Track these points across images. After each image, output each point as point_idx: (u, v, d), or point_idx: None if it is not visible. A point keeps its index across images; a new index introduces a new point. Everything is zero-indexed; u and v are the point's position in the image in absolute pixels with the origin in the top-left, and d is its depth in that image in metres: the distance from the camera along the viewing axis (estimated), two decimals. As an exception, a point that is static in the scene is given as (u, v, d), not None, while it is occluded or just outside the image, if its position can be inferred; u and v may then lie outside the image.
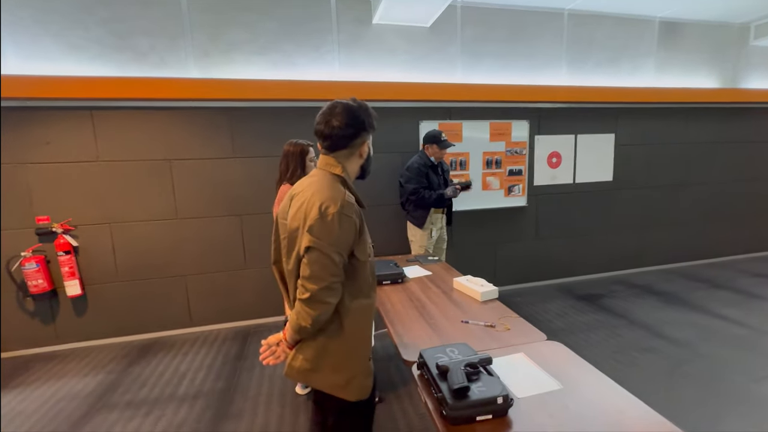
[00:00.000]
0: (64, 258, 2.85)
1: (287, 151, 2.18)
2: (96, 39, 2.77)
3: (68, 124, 2.83)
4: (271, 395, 2.33)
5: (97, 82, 2.72)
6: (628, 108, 4.05)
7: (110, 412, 2.22)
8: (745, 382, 2.30)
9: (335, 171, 1.19)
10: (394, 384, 2.39)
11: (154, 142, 2.99)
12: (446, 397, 1.06)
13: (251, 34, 3.02)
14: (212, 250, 3.21)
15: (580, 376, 1.26)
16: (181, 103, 2.96)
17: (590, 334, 2.97)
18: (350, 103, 1.19)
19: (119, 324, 3.11)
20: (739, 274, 4.21)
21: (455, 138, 3.55)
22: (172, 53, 2.91)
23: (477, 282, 2.03)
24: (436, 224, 3.09)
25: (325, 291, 1.09)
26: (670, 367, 2.49)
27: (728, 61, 4.31)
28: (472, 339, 1.52)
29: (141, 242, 3.06)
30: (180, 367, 2.68)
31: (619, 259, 4.35)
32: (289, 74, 3.12)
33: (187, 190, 3.10)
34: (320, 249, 1.08)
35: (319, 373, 1.18)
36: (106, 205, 2.97)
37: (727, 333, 2.91)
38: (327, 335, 1.17)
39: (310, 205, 1.11)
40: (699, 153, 4.43)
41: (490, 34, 3.53)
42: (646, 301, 3.56)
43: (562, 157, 3.94)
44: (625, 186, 4.22)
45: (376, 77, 3.29)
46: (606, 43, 3.85)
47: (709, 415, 2.03)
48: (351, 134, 1.18)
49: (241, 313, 3.35)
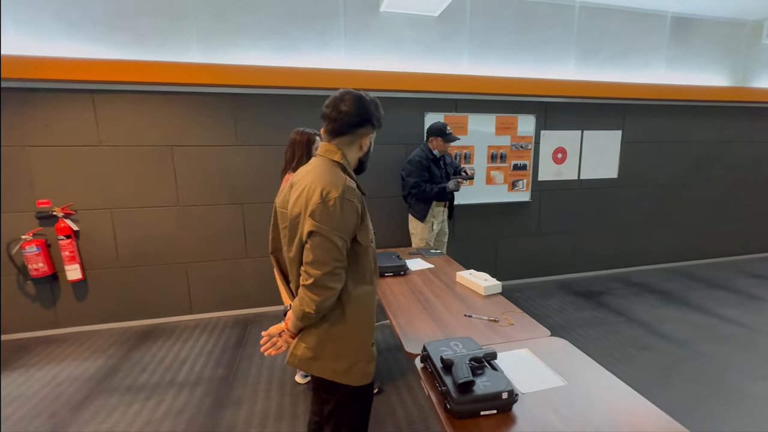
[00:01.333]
0: (65, 242, 2.84)
1: (294, 139, 2.15)
2: (96, 18, 2.70)
3: (69, 107, 2.78)
4: (271, 383, 2.34)
5: (97, 64, 2.66)
6: (636, 104, 4.00)
7: (110, 396, 2.23)
8: (743, 382, 2.32)
9: (335, 158, 1.19)
10: (393, 375, 2.41)
11: (155, 127, 2.95)
12: (450, 390, 1.06)
13: (256, 18, 2.96)
14: (213, 238, 3.20)
15: (585, 373, 1.25)
16: (183, 87, 2.91)
17: (588, 330, 2.98)
18: (362, 93, 1.21)
19: (119, 309, 3.11)
20: (738, 274, 4.21)
21: (461, 131, 3.51)
22: (174, 36, 2.85)
23: (480, 276, 2.02)
24: (437, 217, 3.07)
25: (328, 276, 1.09)
26: (667, 365, 2.50)
27: (740, 59, 4.24)
28: (476, 333, 1.52)
29: (142, 228, 3.04)
30: (180, 354, 2.69)
31: (620, 257, 4.34)
32: (293, 61, 3.06)
33: (188, 177, 3.07)
34: (323, 233, 1.08)
35: (321, 361, 1.19)
36: (108, 190, 2.94)
37: (724, 332, 2.92)
38: (330, 322, 1.17)
39: (311, 191, 1.11)
40: (705, 152, 4.40)
41: (498, 25, 3.46)
42: (645, 300, 3.57)
43: (567, 152, 3.91)
44: (630, 184, 4.19)
45: (381, 66, 3.23)
46: (617, 37, 3.78)
47: (706, 414, 2.05)
48: (356, 122, 1.18)
49: (241, 302, 3.35)
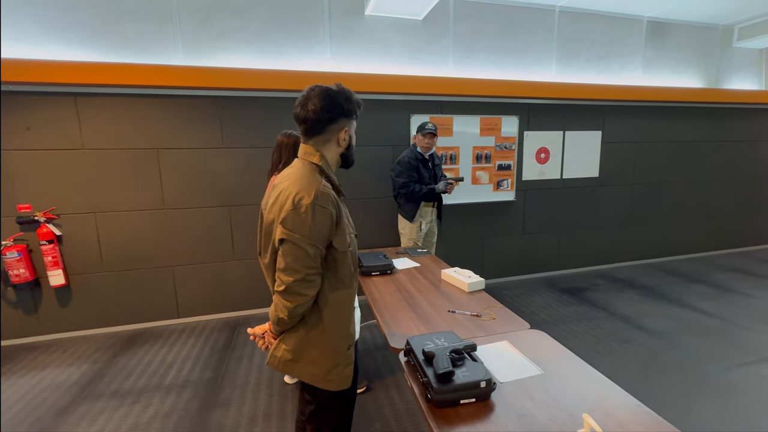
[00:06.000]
0: (47, 247, 2.79)
1: (280, 141, 2.16)
2: (80, 22, 2.69)
3: (52, 110, 2.75)
4: (259, 385, 2.35)
5: (81, 67, 2.65)
6: (615, 105, 4.13)
7: (96, 401, 2.21)
8: (717, 371, 2.41)
9: (312, 159, 1.16)
10: (382, 373, 2.43)
11: (140, 131, 2.94)
12: (431, 381, 1.09)
13: (241, 22, 2.98)
14: (200, 241, 3.19)
15: (561, 362, 1.31)
16: (169, 90, 2.91)
17: (572, 325, 3.06)
18: (330, 87, 1.14)
19: (104, 314, 3.07)
20: (715, 268, 4.37)
21: (446, 132, 3.58)
22: (159, 39, 2.85)
23: (464, 273, 2.07)
24: (425, 218, 3.12)
25: (300, 283, 1.08)
26: (647, 357, 2.58)
27: (712, 61, 4.42)
28: (459, 328, 1.56)
29: (127, 232, 3.02)
30: (167, 358, 2.67)
31: (603, 254, 4.46)
32: (279, 64, 3.09)
33: (174, 180, 3.06)
34: (294, 241, 1.06)
35: (301, 363, 1.19)
36: (91, 194, 2.91)
37: (701, 325, 3.03)
38: (308, 327, 1.17)
39: (285, 197, 1.09)
40: (681, 151, 4.56)
41: (482, 29, 3.55)
42: (626, 295, 3.67)
43: (550, 152, 4.01)
44: (610, 182, 4.32)
45: (367, 69, 3.28)
46: (596, 41, 3.91)
47: (682, 402, 2.13)
48: (327, 119, 1.13)
49: (229, 304, 3.34)
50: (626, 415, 1.04)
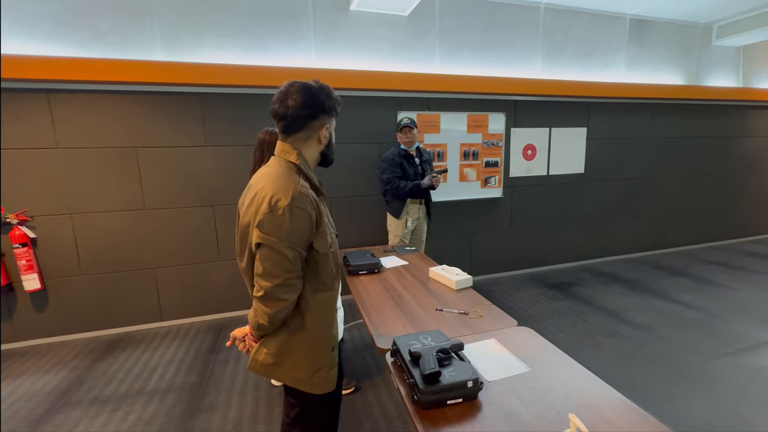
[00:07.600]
0: (21, 251, 2.68)
1: (262, 139, 2.10)
2: (50, 16, 2.57)
3: (22, 108, 2.63)
4: (246, 388, 2.30)
5: (52, 62, 2.53)
6: (599, 102, 4.18)
7: (74, 409, 2.13)
8: (699, 362, 2.47)
9: (290, 158, 1.12)
10: (370, 373, 2.41)
11: (118, 129, 2.83)
12: (418, 382, 1.07)
13: (222, 16, 2.89)
14: (183, 241, 3.10)
15: (548, 359, 1.30)
16: (147, 87, 2.81)
17: (559, 320, 3.09)
18: (309, 83, 1.12)
19: (83, 319, 2.97)
20: (696, 262, 4.48)
21: (433, 129, 3.56)
22: (136, 33, 2.75)
23: (452, 271, 2.06)
24: (412, 215, 3.10)
25: (279, 288, 1.04)
26: (632, 350, 2.63)
27: (693, 59, 4.51)
28: (446, 326, 1.54)
29: (106, 234, 2.92)
30: (150, 362, 2.60)
31: (589, 249, 4.53)
32: (262, 60, 3.02)
33: (155, 180, 2.97)
34: (271, 245, 1.02)
35: (283, 367, 1.15)
36: (67, 195, 2.80)
37: (683, 317, 3.10)
38: (289, 330, 1.14)
39: (260, 199, 1.04)
40: (664, 147, 4.65)
41: (467, 25, 3.53)
42: (611, 289, 3.73)
43: (536, 149, 4.04)
44: (595, 178, 4.38)
45: (352, 65, 3.23)
46: (580, 38, 3.94)
47: (666, 393, 2.17)
48: (307, 115, 1.10)
49: (214, 306, 3.27)
50: (611, 411, 1.04)
